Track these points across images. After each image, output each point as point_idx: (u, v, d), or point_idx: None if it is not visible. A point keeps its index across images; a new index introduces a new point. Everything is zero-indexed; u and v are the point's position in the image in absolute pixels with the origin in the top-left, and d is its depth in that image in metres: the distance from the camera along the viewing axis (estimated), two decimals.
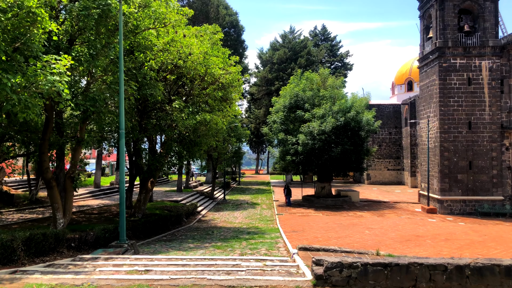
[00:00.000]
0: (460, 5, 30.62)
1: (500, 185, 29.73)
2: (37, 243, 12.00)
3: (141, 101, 19.30)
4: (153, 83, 17.07)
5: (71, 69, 12.45)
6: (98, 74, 15.15)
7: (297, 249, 13.60)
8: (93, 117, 14.74)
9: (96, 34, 13.98)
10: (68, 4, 13.91)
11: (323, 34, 75.11)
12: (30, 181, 27.87)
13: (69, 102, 12.42)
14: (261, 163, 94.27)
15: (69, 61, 10.82)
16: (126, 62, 15.92)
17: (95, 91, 14.27)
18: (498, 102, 30.07)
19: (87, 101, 13.43)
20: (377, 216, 27.40)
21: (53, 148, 15.97)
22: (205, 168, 46.85)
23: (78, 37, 14.46)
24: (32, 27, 10.54)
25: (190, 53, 19.10)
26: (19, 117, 10.09)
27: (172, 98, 20.10)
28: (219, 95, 21.48)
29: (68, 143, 16.91)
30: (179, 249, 14.96)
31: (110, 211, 23.94)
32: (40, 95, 10.45)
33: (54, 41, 13.08)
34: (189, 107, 19.48)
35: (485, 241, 19.15)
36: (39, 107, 10.36)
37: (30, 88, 10.02)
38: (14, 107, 9.81)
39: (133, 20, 15.20)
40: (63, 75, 10.40)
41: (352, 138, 32.60)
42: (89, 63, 13.34)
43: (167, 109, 19.29)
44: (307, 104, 34.30)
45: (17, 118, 10.31)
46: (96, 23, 13.54)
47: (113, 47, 14.14)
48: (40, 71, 10.08)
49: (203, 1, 52.97)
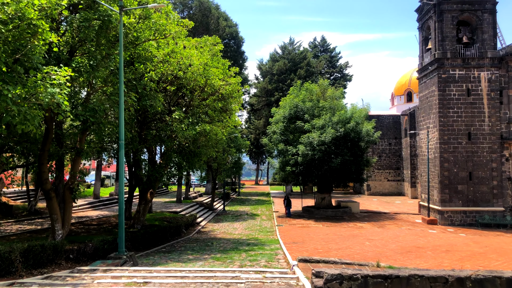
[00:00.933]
0: (458, 17, 30.85)
1: (501, 196, 29.64)
2: (35, 254, 11.92)
3: (141, 112, 19.34)
4: (153, 94, 17.12)
5: (71, 80, 12.49)
6: (98, 85, 15.22)
7: (297, 260, 13.50)
8: (93, 127, 14.76)
9: (97, 45, 14.07)
10: (69, 16, 14.02)
11: (323, 46, 75.55)
12: (29, 192, 27.78)
13: (68, 113, 12.44)
14: (261, 173, 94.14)
15: (69, 72, 10.86)
16: (126, 73, 15.98)
17: (95, 102, 14.31)
18: (498, 113, 30.12)
19: (86, 112, 13.46)
20: (378, 227, 27.27)
21: (53, 159, 15.97)
22: (205, 178, 46.74)
23: (79, 48, 14.54)
24: (33, 38, 10.61)
25: (190, 64, 19.20)
26: (18, 128, 10.09)
27: (172, 109, 20.14)
28: (219, 106, 21.54)
29: (68, 154, 16.91)
30: (178, 261, 14.86)
31: (109, 222, 23.83)
32: (40, 106, 10.47)
33: (54, 52, 13.15)
34: (189, 117, 19.51)
35: (486, 252, 19.03)
36: (38, 118, 10.37)
37: (30, 100, 10.04)
38: (14, 119, 9.82)
39: (134, 31, 15.31)
40: (63, 86, 10.43)
41: (352, 149, 32.58)
42: (89, 74, 13.39)
43: (167, 120, 19.32)
44: (306, 115, 34.36)
45: (16, 129, 10.30)
46: (97, 34, 13.63)
47: (113, 58, 14.22)
48: (40, 83, 10.12)
49: (204, 12, 53.39)
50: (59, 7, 11.80)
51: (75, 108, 13.94)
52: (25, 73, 10.85)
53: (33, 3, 10.50)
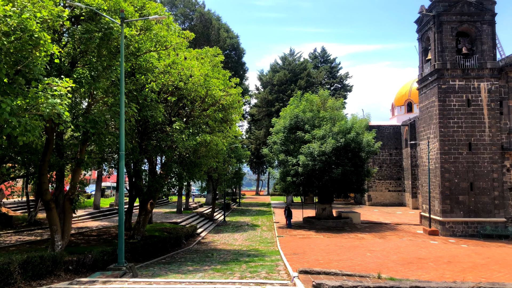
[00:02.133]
0: (457, 28, 31.03)
1: (502, 206, 29.53)
2: (34, 266, 11.85)
3: (142, 122, 19.38)
4: (153, 104, 17.17)
5: (72, 91, 12.55)
6: (99, 96, 15.27)
7: (298, 272, 13.41)
8: (93, 138, 14.77)
9: (98, 57, 14.16)
10: (71, 27, 14.13)
11: (323, 56, 75.94)
12: (29, 203, 27.73)
13: (69, 124, 12.47)
14: (261, 184, 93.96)
15: (70, 83, 10.91)
16: (127, 84, 16.05)
17: (96, 112, 14.34)
18: (498, 123, 30.14)
19: (87, 122, 13.49)
20: (379, 238, 27.12)
21: (53, 169, 15.96)
22: (205, 189, 46.67)
23: (80, 59, 14.63)
24: (35, 50, 10.67)
25: (191, 75, 19.28)
26: (18, 140, 10.10)
27: (173, 119, 20.18)
28: (220, 116, 21.58)
29: (68, 164, 16.91)
30: (178, 272, 14.77)
31: (109, 233, 23.73)
32: (40, 117, 10.50)
33: (55, 63, 13.22)
34: (190, 128, 19.54)
35: (488, 264, 18.90)
36: (39, 129, 10.39)
37: (30, 111, 10.08)
38: (14, 130, 9.83)
39: (135, 43, 15.41)
40: (64, 97, 10.47)
41: (353, 159, 32.54)
42: (90, 85, 13.45)
43: (167, 130, 19.34)
44: (307, 125, 34.41)
45: (17, 140, 10.32)
46: (98, 45, 13.72)
47: (114, 69, 14.29)
48: (41, 93, 10.15)
49: (204, 24, 53.76)
50: (60, 19, 11.91)
51: (75, 119, 13.97)
52: (26, 84, 10.89)
53: (35, 15, 10.59)
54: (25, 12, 10.32)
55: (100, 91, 14.71)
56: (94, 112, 14.48)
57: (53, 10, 11.49)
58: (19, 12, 10.23)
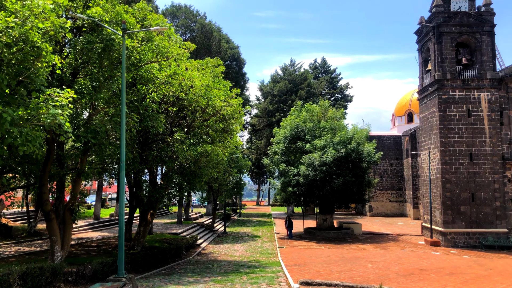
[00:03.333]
0: (457, 39, 31.19)
1: (504, 217, 29.37)
2: (33, 277, 11.78)
3: (143, 132, 19.40)
4: (154, 115, 17.21)
5: (74, 102, 12.58)
6: (100, 106, 15.32)
7: (299, 283, 13.32)
8: (94, 148, 14.79)
9: (99, 67, 14.23)
10: (72, 38, 14.22)
11: (323, 67, 76.26)
12: (29, 213, 27.64)
13: (70, 134, 12.49)
14: (262, 194, 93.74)
15: (72, 94, 10.95)
16: (128, 95, 16.11)
17: (97, 123, 14.38)
18: (499, 133, 30.13)
19: (88, 133, 13.51)
20: (380, 249, 26.95)
21: (54, 179, 15.94)
22: (206, 199, 46.55)
23: (82, 70, 14.71)
24: (37, 61, 10.74)
25: (192, 86, 19.37)
26: (19, 150, 10.10)
27: (174, 129, 20.21)
28: (220, 127, 21.62)
29: (69, 174, 16.89)
30: (178, 283, 14.66)
31: (109, 243, 23.62)
32: (41, 128, 10.52)
33: (57, 74, 13.29)
34: (190, 138, 19.56)
35: (491, 275, 18.75)
36: (40, 139, 10.40)
37: (32, 121, 10.10)
38: (15, 140, 9.85)
39: (136, 54, 15.50)
40: (65, 108, 10.50)
41: (354, 170, 32.48)
42: (91, 96, 13.50)
43: (168, 141, 19.37)
44: (307, 136, 34.42)
45: (18, 150, 10.32)
46: (100, 56, 13.81)
47: (115, 80, 14.36)
48: (43, 104, 10.19)
49: (206, 35, 54.11)
50: (62, 30, 11.99)
51: (76, 129, 13.99)
52: (28, 95, 10.93)
53: (37, 27, 10.66)
54: (27, 23, 10.39)
55: (101, 102, 14.75)
56: (95, 123, 14.52)
57: (55, 21, 11.58)
58: (21, 23, 10.30)
